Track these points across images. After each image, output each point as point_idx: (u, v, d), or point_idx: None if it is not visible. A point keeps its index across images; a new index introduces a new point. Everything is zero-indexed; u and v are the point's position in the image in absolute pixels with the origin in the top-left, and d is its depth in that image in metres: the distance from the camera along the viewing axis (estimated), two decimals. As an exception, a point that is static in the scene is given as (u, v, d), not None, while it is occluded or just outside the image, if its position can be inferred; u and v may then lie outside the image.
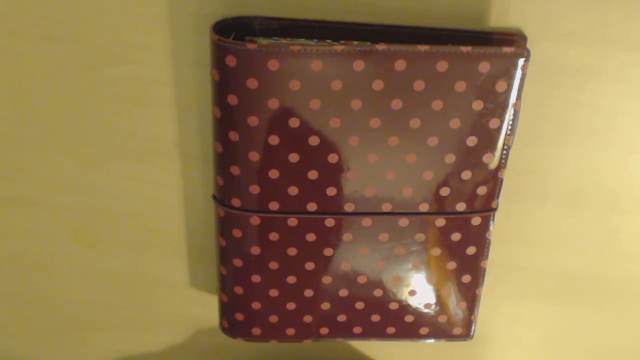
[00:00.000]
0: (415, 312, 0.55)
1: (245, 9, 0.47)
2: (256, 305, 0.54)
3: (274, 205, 0.49)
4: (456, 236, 0.52)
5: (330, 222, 0.50)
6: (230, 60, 0.44)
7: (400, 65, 0.44)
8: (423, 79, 0.45)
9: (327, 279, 0.53)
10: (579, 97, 0.50)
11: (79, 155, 0.54)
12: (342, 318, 0.56)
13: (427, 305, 0.55)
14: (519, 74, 0.45)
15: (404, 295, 0.55)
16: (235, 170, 0.48)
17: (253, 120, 0.46)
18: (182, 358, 0.66)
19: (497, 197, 0.50)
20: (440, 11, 0.47)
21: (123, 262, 0.60)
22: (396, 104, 0.46)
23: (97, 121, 0.53)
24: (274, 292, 0.54)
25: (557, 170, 0.53)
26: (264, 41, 0.46)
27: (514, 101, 0.46)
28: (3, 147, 0.54)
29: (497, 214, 0.55)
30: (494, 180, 0.49)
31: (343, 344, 0.64)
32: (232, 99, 0.45)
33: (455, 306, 0.55)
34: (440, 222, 0.51)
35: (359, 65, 0.44)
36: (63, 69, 0.51)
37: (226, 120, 0.46)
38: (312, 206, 0.49)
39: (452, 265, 0.53)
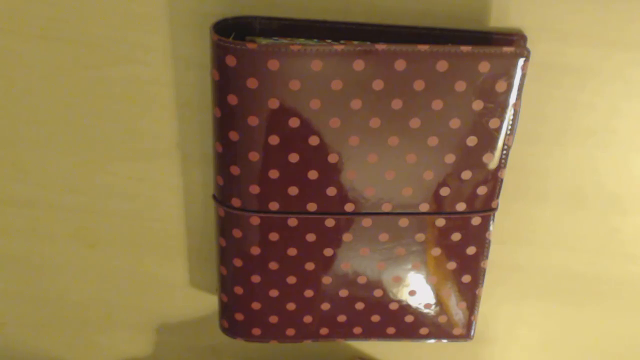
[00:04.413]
0: (415, 312, 0.55)
1: (245, 9, 0.47)
2: (256, 306, 0.54)
3: (274, 205, 0.49)
4: (456, 236, 0.52)
5: (330, 222, 0.50)
6: (230, 60, 0.44)
7: (400, 65, 0.44)
8: (423, 78, 0.45)
9: (327, 280, 0.53)
10: (579, 97, 0.50)
11: (79, 155, 0.54)
12: (342, 318, 0.56)
13: (427, 306, 0.55)
14: (519, 74, 0.45)
15: (404, 295, 0.54)
16: (235, 170, 0.48)
17: (253, 120, 0.46)
18: (182, 358, 0.65)
19: (497, 197, 0.50)
20: (440, 11, 0.47)
21: (123, 262, 0.60)
22: (396, 104, 0.46)
23: (97, 121, 0.53)
24: (274, 293, 0.54)
25: (557, 170, 0.53)
26: (264, 41, 0.46)
27: (514, 101, 0.46)
28: (3, 147, 0.54)
29: (497, 214, 0.55)
30: (494, 180, 0.49)
31: (343, 344, 0.64)
32: (232, 99, 0.45)
33: (456, 306, 0.55)
34: (440, 222, 0.51)
35: (359, 65, 0.44)
36: (63, 69, 0.51)
37: (226, 120, 0.46)
38: (312, 206, 0.49)
39: (452, 265, 0.53)
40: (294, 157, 0.47)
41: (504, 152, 0.48)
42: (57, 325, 0.64)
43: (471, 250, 0.52)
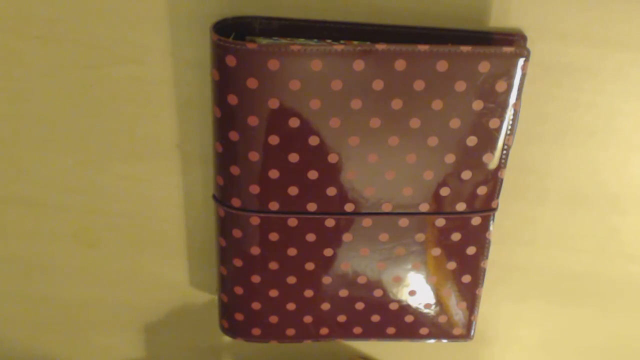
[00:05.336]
0: (415, 312, 0.55)
1: (245, 9, 0.47)
2: (256, 306, 0.54)
3: (274, 205, 0.49)
4: (456, 236, 0.52)
5: (330, 222, 0.50)
6: (230, 60, 0.44)
7: (400, 65, 0.44)
8: (423, 78, 0.45)
9: (327, 280, 0.53)
10: (579, 97, 0.50)
11: (79, 155, 0.54)
12: (342, 318, 0.56)
13: (427, 306, 0.55)
14: (519, 73, 0.45)
15: (404, 295, 0.54)
16: (235, 170, 0.48)
17: (253, 120, 0.46)
18: (182, 358, 0.65)
19: (497, 197, 0.50)
20: (440, 11, 0.47)
21: (123, 262, 0.60)
22: (396, 104, 0.46)
23: (97, 121, 0.53)
24: (274, 293, 0.54)
25: (557, 170, 0.53)
26: (264, 41, 0.46)
27: (514, 101, 0.46)
28: (3, 147, 0.54)
29: (497, 214, 0.55)
30: (494, 180, 0.49)
31: (343, 344, 0.64)
32: (232, 99, 0.45)
33: (456, 306, 0.55)
34: (440, 222, 0.51)
35: (359, 65, 0.44)
36: (63, 69, 0.51)
37: (226, 120, 0.46)
38: (312, 206, 0.49)
39: (452, 265, 0.53)
40: (294, 157, 0.47)
41: (504, 152, 0.48)
42: (56, 325, 0.64)
43: (471, 250, 0.52)
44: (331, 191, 0.49)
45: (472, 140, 0.47)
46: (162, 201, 0.56)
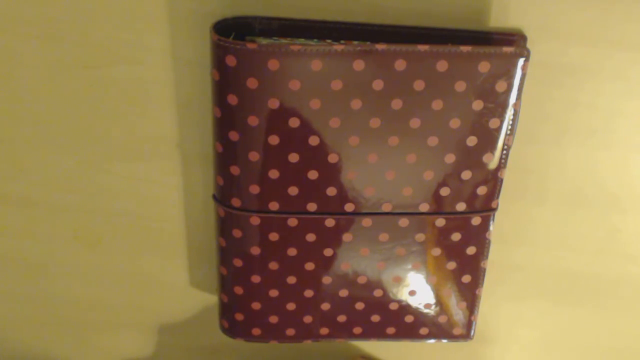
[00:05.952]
0: (415, 312, 0.55)
1: (245, 9, 0.47)
2: (256, 306, 0.54)
3: (274, 205, 0.49)
4: (456, 236, 0.52)
5: (330, 222, 0.50)
6: (230, 60, 0.44)
7: (400, 65, 0.44)
8: (423, 78, 0.45)
9: (327, 280, 0.53)
10: (579, 97, 0.50)
11: (79, 155, 0.54)
12: (342, 318, 0.56)
13: (427, 306, 0.55)
14: (519, 73, 0.45)
15: (404, 295, 0.54)
16: (235, 170, 0.48)
17: (253, 120, 0.46)
18: (182, 358, 0.65)
19: (497, 197, 0.50)
20: (440, 11, 0.47)
21: (123, 262, 0.60)
22: (396, 104, 0.46)
23: (97, 121, 0.53)
24: (274, 293, 0.54)
25: (557, 170, 0.53)
26: (264, 41, 0.46)
27: (514, 101, 0.46)
28: (3, 147, 0.54)
29: (497, 214, 0.55)
30: (494, 180, 0.49)
31: (343, 344, 0.64)
32: (232, 99, 0.45)
33: (456, 306, 0.55)
34: (440, 222, 0.51)
35: (359, 65, 0.44)
36: (63, 69, 0.51)
37: (226, 120, 0.46)
38: (312, 206, 0.49)
39: (452, 265, 0.53)
40: (294, 157, 0.47)
41: (504, 152, 0.48)
42: (57, 325, 0.64)
43: (471, 250, 0.52)
44: (331, 191, 0.49)
45: (472, 140, 0.47)
46: (162, 201, 0.56)
